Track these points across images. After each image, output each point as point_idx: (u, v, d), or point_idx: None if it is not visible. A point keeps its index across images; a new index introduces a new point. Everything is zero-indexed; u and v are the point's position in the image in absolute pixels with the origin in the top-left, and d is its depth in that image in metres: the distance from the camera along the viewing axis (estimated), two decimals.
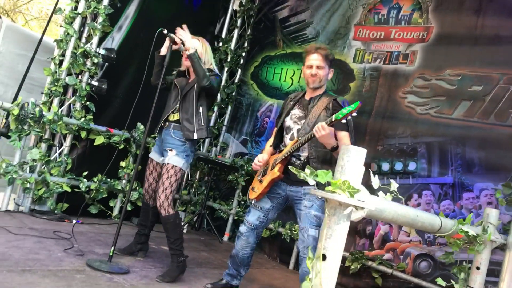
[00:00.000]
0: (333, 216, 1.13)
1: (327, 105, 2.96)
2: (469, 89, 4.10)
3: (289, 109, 3.16)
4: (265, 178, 3.07)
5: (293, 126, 3.09)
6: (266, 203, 3.12)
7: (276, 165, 2.99)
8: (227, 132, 5.97)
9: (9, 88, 4.86)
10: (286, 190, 3.05)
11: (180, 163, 3.37)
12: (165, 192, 3.32)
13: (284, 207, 3.19)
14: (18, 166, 4.05)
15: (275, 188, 3.08)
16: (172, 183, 3.34)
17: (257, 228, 3.14)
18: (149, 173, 3.64)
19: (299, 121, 3.06)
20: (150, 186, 3.64)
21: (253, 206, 3.17)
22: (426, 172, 4.20)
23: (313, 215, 2.89)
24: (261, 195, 3.09)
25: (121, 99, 4.76)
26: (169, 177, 3.33)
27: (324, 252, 1.11)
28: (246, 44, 6.01)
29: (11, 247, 3.06)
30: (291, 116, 3.13)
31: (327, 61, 3.03)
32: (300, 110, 3.11)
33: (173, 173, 3.34)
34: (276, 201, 3.12)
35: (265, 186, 3.04)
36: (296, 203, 3.01)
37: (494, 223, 2.01)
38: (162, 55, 3.45)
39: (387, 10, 4.80)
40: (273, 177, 2.98)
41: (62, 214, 4.33)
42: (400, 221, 1.38)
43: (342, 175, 1.14)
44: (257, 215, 3.13)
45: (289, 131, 3.11)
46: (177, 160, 3.36)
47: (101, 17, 4.42)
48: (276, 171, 2.97)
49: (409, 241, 4.16)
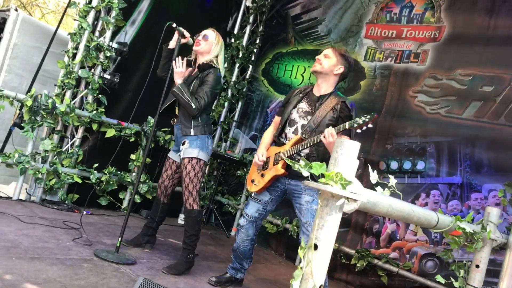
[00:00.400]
0: (326, 207, 1.15)
1: (335, 106, 2.96)
2: (480, 89, 4.07)
3: (297, 102, 3.14)
4: (267, 172, 3.08)
5: (299, 120, 3.08)
6: (265, 195, 3.14)
7: (279, 161, 3.00)
8: (237, 128, 6.00)
9: (24, 79, 4.95)
10: (285, 184, 3.07)
11: (194, 153, 3.36)
12: (188, 189, 3.37)
13: (282, 199, 3.21)
14: (30, 157, 4.12)
15: (274, 181, 3.10)
16: (192, 178, 3.36)
17: (256, 220, 3.17)
18: (165, 169, 3.66)
19: (306, 116, 3.06)
20: (163, 182, 3.67)
21: (252, 198, 3.19)
22: (435, 172, 4.18)
23: (315, 209, 2.91)
24: (262, 189, 3.11)
25: (132, 93, 4.81)
26: (187, 173, 3.36)
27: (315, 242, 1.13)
28: (258, 40, 6.03)
29: (21, 235, 3.13)
30: (297, 109, 3.11)
31: (338, 54, 3.05)
32: (308, 105, 3.10)
33: (190, 168, 3.36)
34: (275, 194, 3.14)
35: (268, 180, 3.06)
36: (295, 196, 3.03)
37: (494, 222, 2.01)
38: (170, 48, 3.49)
39: (400, 9, 4.79)
40: (277, 173, 3.00)
41: (72, 205, 4.40)
42: (394, 215, 1.39)
43: (336, 168, 1.16)
44: (256, 207, 3.16)
45: (293, 124, 3.10)
46: (190, 151, 3.37)
47: (115, 11, 4.47)
48: (279, 167, 2.98)
49: (416, 240, 4.15)
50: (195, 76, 3.46)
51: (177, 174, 3.61)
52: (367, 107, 4.74)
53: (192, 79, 3.45)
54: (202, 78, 3.42)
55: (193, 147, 3.38)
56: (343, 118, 2.92)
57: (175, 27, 3.43)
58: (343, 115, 2.93)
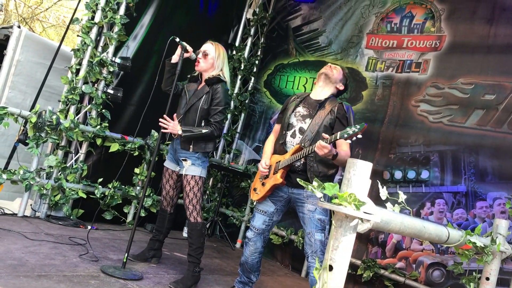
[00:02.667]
0: (340, 228, 1.16)
1: (332, 108, 3.04)
2: (482, 97, 4.09)
3: (294, 106, 3.18)
4: (267, 181, 3.10)
5: (296, 123, 3.11)
6: (270, 206, 3.14)
7: (279, 170, 3.01)
8: (240, 139, 6.02)
9: (28, 96, 4.97)
10: (288, 193, 3.08)
11: (198, 171, 3.42)
12: (192, 203, 3.39)
13: (287, 208, 3.21)
14: (35, 173, 4.14)
15: (277, 191, 3.10)
16: (196, 192, 3.40)
17: (263, 232, 3.16)
18: (166, 181, 3.68)
19: (303, 119, 3.09)
20: (167, 193, 3.69)
21: (257, 210, 3.19)
22: (439, 181, 4.19)
23: (317, 219, 2.92)
24: (263, 198, 3.12)
25: (136, 107, 4.84)
26: (191, 188, 3.39)
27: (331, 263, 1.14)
28: (260, 52, 6.06)
29: (27, 253, 3.13)
30: (295, 114, 3.15)
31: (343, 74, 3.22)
32: (305, 108, 3.14)
33: (194, 183, 3.39)
34: (280, 204, 3.14)
35: (268, 189, 3.07)
36: (298, 205, 3.04)
37: (503, 234, 2.01)
38: (173, 62, 3.51)
39: (400, 19, 4.82)
40: (276, 183, 3.01)
41: (78, 220, 4.41)
42: (406, 232, 1.40)
43: (349, 188, 1.17)
44: (262, 219, 3.15)
45: (291, 128, 3.12)
46: (193, 169, 3.41)
47: (117, 27, 4.51)
48: (278, 177, 2.99)
49: (422, 250, 4.15)
50: (205, 91, 3.46)
51: (179, 182, 3.63)
52: (370, 117, 4.76)
53: (201, 94, 3.45)
54: (212, 94, 3.43)
55: (196, 166, 3.42)
56: (339, 118, 3.01)
57: (178, 42, 3.46)
58: (340, 115, 3.02)
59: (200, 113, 3.42)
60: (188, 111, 3.46)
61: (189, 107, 3.45)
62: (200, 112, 3.42)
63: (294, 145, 3.04)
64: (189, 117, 3.45)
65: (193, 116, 3.44)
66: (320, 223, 2.92)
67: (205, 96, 3.42)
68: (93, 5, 4.46)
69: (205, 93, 3.43)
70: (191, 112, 3.45)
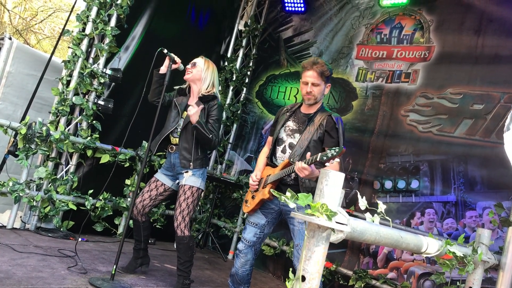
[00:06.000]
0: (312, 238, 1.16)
1: (321, 122, 2.99)
2: (471, 107, 4.12)
3: (284, 120, 3.16)
4: (257, 194, 3.09)
5: (286, 138, 3.10)
6: (261, 219, 3.12)
7: (267, 185, 3.01)
8: (232, 150, 6.02)
9: (18, 107, 4.97)
10: (279, 205, 3.06)
11: (197, 183, 3.42)
12: (182, 214, 3.37)
13: (279, 220, 3.20)
14: (24, 185, 4.12)
15: (268, 204, 3.08)
16: (189, 204, 3.38)
17: (254, 244, 3.13)
18: (147, 190, 3.58)
19: (292, 134, 3.09)
20: (142, 201, 3.57)
21: (249, 223, 3.17)
22: (429, 191, 4.20)
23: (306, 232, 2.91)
24: (253, 210, 3.11)
25: (127, 118, 4.83)
26: (186, 199, 3.37)
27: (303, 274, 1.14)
28: (251, 63, 6.10)
29: (14, 265, 3.11)
30: (285, 128, 3.13)
31: (323, 78, 3.02)
32: (294, 123, 3.12)
33: (190, 194, 3.39)
34: (271, 216, 3.12)
35: (257, 203, 3.06)
36: (289, 217, 3.03)
37: (486, 243, 2.01)
38: (161, 73, 3.51)
39: (389, 30, 4.86)
40: (263, 198, 3.01)
41: (68, 232, 4.38)
42: (383, 242, 1.40)
43: (321, 199, 1.17)
44: (253, 231, 3.13)
45: (281, 143, 3.11)
46: (194, 180, 3.40)
47: (108, 38, 4.53)
48: (266, 192, 2.99)
49: (413, 260, 4.14)
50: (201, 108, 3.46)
51: (161, 197, 3.60)
52: (360, 127, 4.78)
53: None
54: (208, 111, 3.44)
55: (197, 177, 3.42)
56: (328, 131, 2.96)
57: (166, 53, 3.47)
58: (328, 127, 2.97)
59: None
60: (185, 129, 3.45)
61: (185, 125, 3.45)
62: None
63: (284, 160, 3.04)
64: (187, 135, 3.45)
65: (192, 134, 3.42)
66: None
67: (201, 113, 3.40)
68: (84, 17, 4.48)
69: (202, 110, 3.40)
70: (188, 130, 3.44)
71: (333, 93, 5.09)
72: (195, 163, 3.40)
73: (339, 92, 5.06)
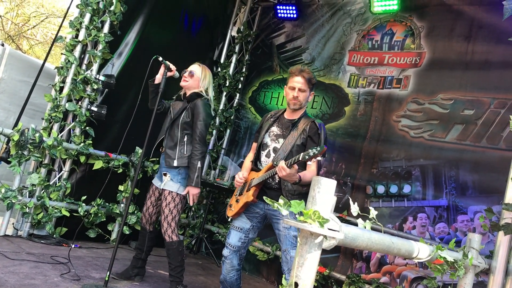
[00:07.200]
0: (305, 245, 1.18)
1: (305, 127, 3.04)
2: (461, 113, 4.17)
3: (269, 126, 3.20)
4: (241, 198, 3.10)
5: (270, 143, 3.13)
6: (245, 223, 3.12)
7: (252, 188, 3.02)
8: (225, 155, 6.04)
9: (11, 114, 4.96)
10: (264, 209, 3.07)
11: (175, 188, 3.42)
12: (167, 220, 3.39)
13: (264, 224, 3.20)
14: (17, 191, 4.11)
15: (252, 208, 3.09)
16: (171, 209, 3.39)
17: (239, 249, 3.12)
18: (148, 197, 3.67)
19: (277, 139, 3.12)
20: (147, 210, 3.66)
21: (233, 227, 3.16)
22: (421, 195, 4.24)
23: (292, 236, 2.93)
24: (237, 214, 3.11)
25: (120, 124, 4.83)
26: (167, 204, 3.39)
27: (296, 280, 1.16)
28: (244, 69, 6.12)
29: (6, 273, 3.09)
30: (269, 133, 3.17)
31: (310, 85, 3.08)
32: (278, 128, 3.16)
33: (170, 199, 3.40)
34: (256, 220, 3.12)
35: (241, 206, 3.07)
36: (274, 222, 3.04)
37: (476, 248, 2.04)
38: (156, 83, 3.54)
39: (381, 36, 4.91)
40: (248, 201, 3.02)
41: (61, 238, 4.36)
42: (374, 248, 1.42)
43: (313, 206, 1.19)
44: (238, 236, 3.12)
45: (265, 148, 3.15)
46: (171, 185, 3.42)
47: (101, 45, 4.54)
48: (250, 195, 3.00)
49: (406, 264, 4.17)
50: (184, 107, 3.50)
51: (160, 201, 3.62)
52: (352, 132, 4.81)
53: (181, 110, 3.50)
54: (192, 109, 3.47)
55: (175, 182, 3.43)
56: (311, 136, 3.01)
57: (161, 61, 3.49)
58: (311, 133, 3.02)
59: (181, 128, 3.46)
60: (171, 128, 3.50)
61: (171, 123, 3.49)
62: (182, 127, 3.46)
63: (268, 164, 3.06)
64: (172, 133, 3.49)
65: (176, 132, 3.48)
66: (295, 240, 2.91)
67: (185, 112, 3.46)
68: (77, 24, 4.48)
69: (185, 109, 3.47)
70: (174, 128, 3.51)
71: (325, 99, 5.13)
72: (179, 160, 3.41)
73: (332, 97, 5.09)
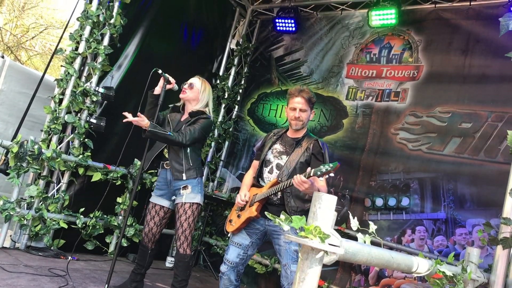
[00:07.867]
0: (306, 260, 1.18)
1: (308, 146, 3.08)
2: (459, 126, 4.19)
3: (271, 143, 3.23)
4: (243, 213, 3.10)
5: (273, 160, 3.15)
6: (245, 239, 3.11)
7: (255, 203, 3.02)
8: (224, 167, 6.04)
9: (10, 125, 4.96)
10: (264, 225, 3.07)
11: (197, 198, 3.44)
12: (185, 234, 3.39)
13: (263, 241, 3.20)
14: (15, 203, 4.10)
15: (253, 224, 3.09)
16: (190, 223, 3.40)
17: (237, 266, 3.10)
18: (151, 218, 3.61)
19: (280, 155, 3.14)
20: (150, 230, 3.61)
21: (232, 243, 3.14)
22: (419, 208, 4.24)
23: (293, 251, 2.92)
24: (237, 230, 3.10)
25: (119, 136, 4.84)
26: (187, 218, 3.39)
27: None
28: (243, 81, 6.16)
29: (4, 286, 3.08)
30: (272, 150, 3.19)
31: (310, 104, 3.14)
32: (281, 145, 3.19)
33: (190, 213, 3.40)
34: (255, 237, 3.11)
35: (243, 222, 3.06)
36: (274, 237, 3.03)
37: (475, 262, 2.05)
38: (156, 94, 3.55)
39: (379, 50, 4.95)
40: (251, 216, 3.01)
41: (58, 251, 4.34)
42: (374, 263, 1.42)
43: (314, 221, 1.20)
44: (237, 252, 3.11)
45: (268, 164, 3.16)
46: (193, 196, 3.42)
47: (101, 57, 4.56)
48: (253, 210, 3.00)
49: (404, 277, 4.16)
50: (186, 121, 3.51)
51: (165, 219, 3.61)
52: (350, 145, 4.83)
53: (182, 124, 3.51)
54: (194, 122, 3.48)
55: (196, 192, 3.44)
56: (315, 154, 3.05)
57: (161, 73, 3.51)
58: (315, 151, 3.06)
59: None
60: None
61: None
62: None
63: (271, 180, 3.07)
64: (175, 148, 3.48)
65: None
66: (296, 254, 2.91)
67: (186, 126, 3.47)
68: (77, 36, 4.51)
69: (186, 122, 3.48)
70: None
71: (324, 111, 5.16)
72: (188, 173, 3.42)
73: (330, 110, 5.12)
